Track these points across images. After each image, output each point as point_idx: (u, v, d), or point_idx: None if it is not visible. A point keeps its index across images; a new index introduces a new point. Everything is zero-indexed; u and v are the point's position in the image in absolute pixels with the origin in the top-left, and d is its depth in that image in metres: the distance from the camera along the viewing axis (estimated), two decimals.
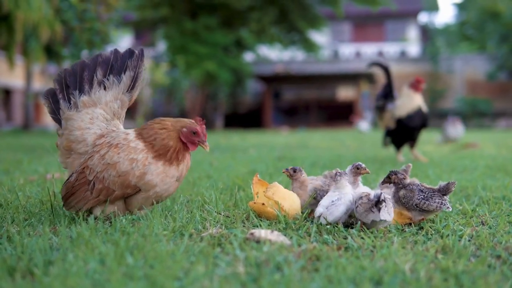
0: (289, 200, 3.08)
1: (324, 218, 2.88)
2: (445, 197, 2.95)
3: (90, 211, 3.05)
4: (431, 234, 2.75)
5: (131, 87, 3.22)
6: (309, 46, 33.37)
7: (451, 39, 45.81)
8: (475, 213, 3.30)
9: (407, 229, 2.85)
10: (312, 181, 3.29)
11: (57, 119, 3.17)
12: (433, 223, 3.00)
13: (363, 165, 3.11)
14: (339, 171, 3.06)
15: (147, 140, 2.99)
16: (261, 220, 2.99)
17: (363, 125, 24.65)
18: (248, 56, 36.76)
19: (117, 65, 3.19)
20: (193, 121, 3.11)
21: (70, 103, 3.14)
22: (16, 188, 4.16)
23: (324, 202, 2.95)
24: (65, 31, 21.57)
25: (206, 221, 3.00)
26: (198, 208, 3.37)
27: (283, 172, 3.30)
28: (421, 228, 2.90)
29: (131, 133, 3.08)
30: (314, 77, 37.36)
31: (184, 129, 3.04)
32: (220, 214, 3.19)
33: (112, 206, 3.02)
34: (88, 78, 3.16)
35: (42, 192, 4.04)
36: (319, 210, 2.92)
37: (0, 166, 6.31)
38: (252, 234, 2.56)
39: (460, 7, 48.45)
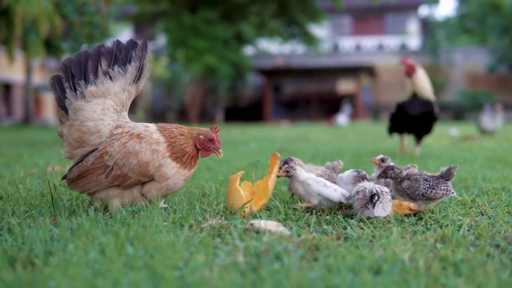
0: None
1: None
2: (448, 182, 2.98)
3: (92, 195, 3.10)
4: (430, 224, 2.77)
5: (137, 78, 3.26)
6: (309, 40, 33.35)
7: (451, 32, 45.68)
8: (474, 204, 3.31)
9: (406, 220, 2.87)
10: (313, 170, 3.31)
11: (63, 107, 3.15)
12: (433, 213, 3.01)
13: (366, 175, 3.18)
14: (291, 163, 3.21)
15: (168, 140, 3.06)
16: (261, 211, 3.01)
17: (341, 118, 24.39)
18: (248, 50, 36.70)
19: (121, 55, 3.21)
20: (208, 129, 3.17)
21: (77, 93, 3.13)
22: (17, 180, 4.17)
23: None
24: (64, 25, 21.55)
25: (206, 212, 3.01)
26: (198, 199, 3.38)
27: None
28: (421, 218, 2.91)
29: (151, 126, 3.15)
30: (315, 71, 37.29)
31: (201, 136, 3.12)
32: (220, 205, 3.20)
33: (130, 193, 3.06)
34: (93, 68, 3.17)
35: (42, 184, 4.05)
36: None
37: (0, 160, 6.32)
38: (251, 224, 2.58)
39: None
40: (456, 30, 46.09)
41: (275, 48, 40.27)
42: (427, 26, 46.46)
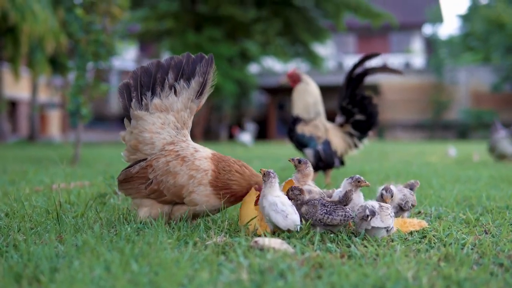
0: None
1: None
2: (347, 208, 2.92)
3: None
4: (434, 243, 2.77)
5: (199, 94, 3.32)
6: (313, 59, 33.44)
7: (455, 50, 45.74)
8: (478, 222, 3.32)
9: (410, 238, 2.87)
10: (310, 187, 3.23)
11: (128, 116, 3.29)
12: (436, 232, 3.01)
13: (363, 178, 3.11)
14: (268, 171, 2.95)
15: (217, 169, 3.07)
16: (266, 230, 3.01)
17: (245, 137, 24.03)
18: (253, 68, 36.83)
19: (188, 69, 3.29)
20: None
21: (142, 103, 3.25)
22: (22, 198, 4.18)
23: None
24: (70, 43, 21.70)
25: (210, 229, 3.02)
26: (203, 217, 3.39)
27: (289, 161, 3.29)
28: (424, 237, 2.92)
29: (202, 151, 3.17)
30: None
31: (257, 186, 3.09)
32: (224, 222, 3.21)
33: (161, 208, 3.13)
34: (161, 80, 3.26)
35: (48, 201, 4.07)
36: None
37: (6, 177, 6.35)
38: (256, 242, 2.58)
39: (465, 18, 48.51)
40: (460, 49, 46.14)
41: (279, 66, 40.38)
42: (431, 44, 46.59)
